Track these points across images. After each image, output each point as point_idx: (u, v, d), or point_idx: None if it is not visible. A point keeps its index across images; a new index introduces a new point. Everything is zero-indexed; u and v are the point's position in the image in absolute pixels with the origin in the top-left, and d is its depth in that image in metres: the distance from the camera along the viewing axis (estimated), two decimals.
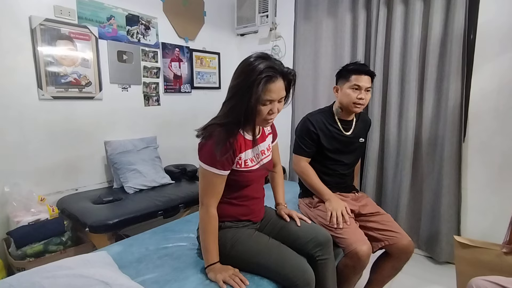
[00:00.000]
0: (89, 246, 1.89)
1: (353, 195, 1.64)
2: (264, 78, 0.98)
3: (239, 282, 1.02)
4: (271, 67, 1.00)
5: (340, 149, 1.58)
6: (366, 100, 1.50)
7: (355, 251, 1.27)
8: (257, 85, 0.98)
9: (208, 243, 1.08)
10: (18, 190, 1.83)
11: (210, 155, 1.04)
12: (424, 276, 1.93)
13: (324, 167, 1.59)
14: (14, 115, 1.86)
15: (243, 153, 1.12)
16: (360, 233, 1.37)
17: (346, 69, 1.52)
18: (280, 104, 1.08)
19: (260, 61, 1.01)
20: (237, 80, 1.04)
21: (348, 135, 1.58)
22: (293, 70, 1.09)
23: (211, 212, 1.09)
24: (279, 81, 1.03)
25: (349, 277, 1.35)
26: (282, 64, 1.06)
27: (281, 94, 1.05)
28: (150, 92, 2.57)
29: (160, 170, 2.39)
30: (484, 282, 1.03)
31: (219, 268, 1.06)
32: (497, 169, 1.88)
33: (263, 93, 1.00)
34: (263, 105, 1.03)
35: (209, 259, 1.08)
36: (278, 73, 1.02)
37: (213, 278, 1.05)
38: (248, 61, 1.04)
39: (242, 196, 1.18)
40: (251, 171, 1.15)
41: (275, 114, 1.07)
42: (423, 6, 2.01)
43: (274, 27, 2.90)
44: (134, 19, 2.39)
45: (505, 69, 1.79)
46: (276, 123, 1.36)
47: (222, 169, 1.06)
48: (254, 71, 0.99)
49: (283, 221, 1.28)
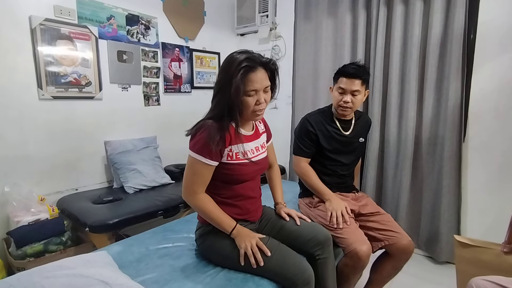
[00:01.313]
0: (89, 246, 1.89)
1: (353, 195, 1.64)
2: (243, 68, 1.01)
3: (258, 258, 1.05)
4: (249, 58, 1.04)
5: (339, 149, 1.58)
6: (354, 103, 1.47)
7: (355, 251, 1.27)
8: (236, 75, 1.01)
9: (217, 217, 1.10)
10: (18, 190, 1.83)
11: (199, 144, 1.05)
12: (424, 276, 1.93)
13: (323, 167, 1.59)
14: (14, 115, 1.86)
15: (235, 146, 1.12)
16: (360, 233, 1.37)
17: (339, 70, 1.52)
18: (267, 94, 1.10)
19: (240, 54, 1.05)
20: (220, 75, 1.09)
21: (347, 134, 1.58)
22: (273, 59, 1.12)
23: (202, 195, 1.11)
24: (259, 71, 1.05)
25: (349, 277, 1.35)
26: (261, 55, 1.09)
27: (264, 83, 1.07)
28: (150, 92, 2.57)
29: (160, 170, 2.39)
30: (484, 282, 1.02)
31: (241, 234, 1.09)
32: (497, 169, 1.88)
33: (245, 84, 1.03)
34: (248, 96, 1.05)
35: (227, 228, 1.10)
36: (257, 64, 1.05)
37: (238, 246, 1.08)
38: (229, 56, 1.08)
39: (237, 195, 1.18)
40: (244, 164, 1.14)
41: (264, 105, 1.09)
42: (423, 6, 2.01)
43: (274, 27, 2.90)
44: (134, 19, 2.39)
45: (505, 69, 1.79)
46: (276, 122, 1.36)
47: (210, 159, 1.06)
48: (233, 63, 1.03)
49: (282, 220, 1.28)
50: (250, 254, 1.05)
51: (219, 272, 1.11)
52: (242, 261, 1.07)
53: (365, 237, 1.35)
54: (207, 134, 1.04)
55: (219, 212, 1.11)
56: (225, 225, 1.11)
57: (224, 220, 1.11)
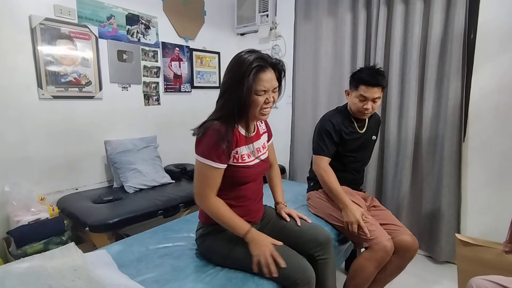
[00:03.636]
0: (89, 246, 1.89)
1: (363, 194, 1.69)
2: (254, 67, 1.02)
3: (271, 270, 1.02)
4: (260, 57, 1.05)
5: (356, 146, 1.62)
6: (374, 108, 1.53)
7: (383, 244, 1.32)
8: (248, 75, 1.01)
9: (230, 220, 1.09)
10: (18, 190, 1.83)
11: (207, 148, 1.04)
12: (423, 275, 1.93)
13: (339, 164, 1.62)
14: (14, 114, 1.86)
15: (240, 148, 1.12)
16: (381, 228, 1.42)
17: (357, 77, 1.52)
18: (275, 94, 1.11)
19: (249, 54, 1.05)
20: (229, 74, 1.08)
21: (362, 132, 1.63)
22: (281, 60, 1.12)
23: (213, 199, 1.10)
24: (269, 71, 1.06)
25: (372, 271, 1.38)
26: (270, 56, 1.10)
27: (273, 83, 1.08)
28: (150, 91, 2.56)
29: (160, 170, 2.39)
30: (484, 282, 1.02)
31: (256, 240, 1.07)
32: (497, 169, 1.88)
33: (256, 83, 1.03)
34: (258, 95, 1.06)
35: (240, 231, 1.09)
36: (268, 64, 1.06)
37: (252, 251, 1.06)
38: (238, 55, 1.08)
39: (240, 197, 1.18)
40: (249, 166, 1.14)
41: (271, 104, 1.10)
42: (423, 6, 2.01)
43: (274, 27, 2.90)
44: (134, 18, 2.39)
45: (505, 69, 1.79)
46: (276, 122, 1.37)
47: (219, 162, 1.06)
48: (244, 63, 1.03)
49: (283, 221, 1.28)
50: (265, 263, 1.04)
51: (219, 271, 1.12)
52: (255, 268, 1.06)
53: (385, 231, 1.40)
54: (216, 137, 1.03)
55: (232, 215, 1.10)
56: (239, 229, 1.09)
57: (238, 223, 1.10)
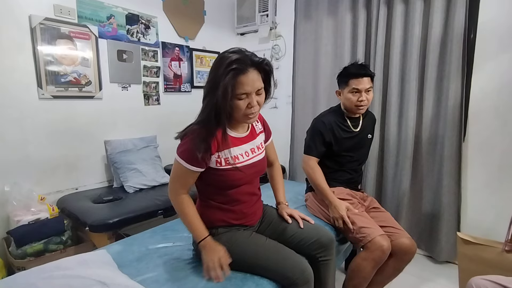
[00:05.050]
0: (89, 245, 1.89)
1: (361, 194, 1.69)
2: (231, 70, 0.95)
3: (219, 274, 1.01)
4: (239, 59, 0.97)
5: (351, 145, 1.62)
6: (369, 100, 1.54)
7: (377, 241, 1.32)
8: (225, 78, 0.95)
9: (191, 223, 1.08)
10: (18, 189, 1.83)
11: (185, 150, 1.04)
12: (423, 275, 1.93)
13: (335, 164, 1.64)
14: (14, 114, 1.86)
15: (222, 152, 1.07)
16: (377, 225, 1.42)
17: (345, 74, 1.56)
18: (260, 96, 1.04)
19: (231, 54, 0.99)
20: (210, 75, 1.04)
21: (357, 131, 1.63)
22: (266, 59, 1.05)
23: (183, 196, 1.10)
24: (251, 73, 0.99)
25: (369, 271, 1.37)
26: (254, 55, 1.03)
27: (256, 85, 1.00)
28: (150, 91, 2.56)
29: (160, 169, 2.39)
30: (484, 282, 1.02)
31: (209, 247, 1.05)
32: (497, 169, 1.88)
33: (235, 87, 0.97)
34: (238, 99, 1.00)
35: (198, 235, 1.08)
36: (248, 65, 0.98)
37: (203, 259, 1.05)
38: (221, 55, 1.02)
39: (232, 200, 1.14)
40: (238, 168, 1.10)
41: (256, 108, 1.03)
42: (423, 6, 2.00)
43: (274, 27, 2.89)
44: (134, 18, 2.39)
45: (505, 69, 1.79)
46: (276, 122, 1.36)
47: (194, 166, 1.04)
48: (223, 64, 0.97)
49: (285, 222, 1.25)
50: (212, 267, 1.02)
51: None
52: (206, 274, 1.04)
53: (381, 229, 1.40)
54: (192, 142, 1.01)
55: (194, 218, 1.09)
56: (197, 233, 1.08)
57: (198, 228, 1.08)
